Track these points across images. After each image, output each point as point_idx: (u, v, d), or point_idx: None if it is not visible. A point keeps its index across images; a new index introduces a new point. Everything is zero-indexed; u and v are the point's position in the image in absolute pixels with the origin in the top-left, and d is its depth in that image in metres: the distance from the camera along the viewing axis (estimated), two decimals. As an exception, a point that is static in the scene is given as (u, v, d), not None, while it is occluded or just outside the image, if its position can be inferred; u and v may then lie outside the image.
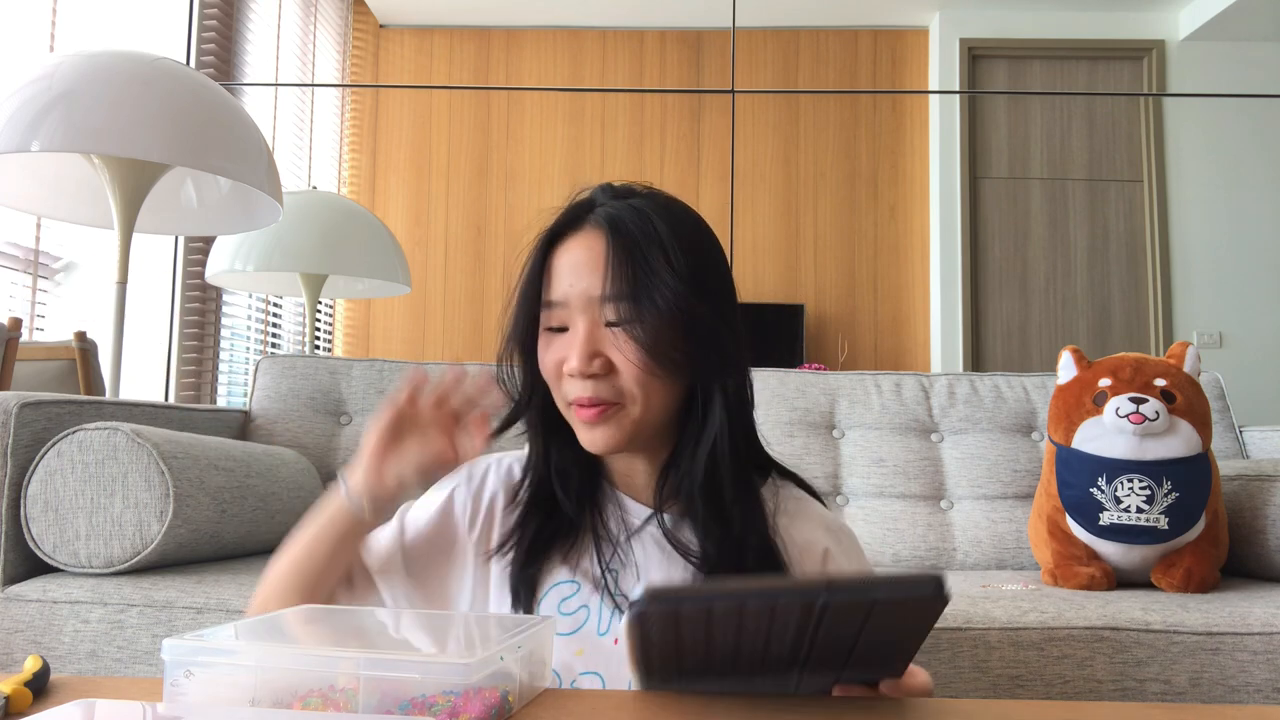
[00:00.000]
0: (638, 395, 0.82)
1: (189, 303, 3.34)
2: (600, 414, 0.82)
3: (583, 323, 0.82)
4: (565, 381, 0.84)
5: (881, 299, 5.09)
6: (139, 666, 1.26)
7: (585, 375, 0.82)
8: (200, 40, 3.41)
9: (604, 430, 0.83)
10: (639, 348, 0.81)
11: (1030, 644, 1.27)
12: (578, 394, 0.83)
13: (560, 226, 0.87)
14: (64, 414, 1.39)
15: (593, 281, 0.82)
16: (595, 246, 0.84)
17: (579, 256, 0.84)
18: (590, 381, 0.82)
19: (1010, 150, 5.05)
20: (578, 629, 0.84)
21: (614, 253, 0.82)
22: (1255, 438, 1.94)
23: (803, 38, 5.20)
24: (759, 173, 5.11)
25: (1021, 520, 1.83)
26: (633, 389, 0.82)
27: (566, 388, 0.84)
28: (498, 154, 5.17)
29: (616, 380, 0.82)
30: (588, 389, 0.82)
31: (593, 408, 0.82)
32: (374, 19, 5.20)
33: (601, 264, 0.82)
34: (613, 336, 0.82)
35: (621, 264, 0.82)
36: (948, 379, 2.01)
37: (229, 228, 2.42)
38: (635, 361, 0.81)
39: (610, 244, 0.83)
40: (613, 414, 0.83)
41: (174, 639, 0.57)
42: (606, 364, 0.82)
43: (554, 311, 0.84)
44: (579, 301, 0.83)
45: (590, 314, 0.82)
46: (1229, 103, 4.91)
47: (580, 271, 0.83)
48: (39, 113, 1.68)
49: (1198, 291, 4.89)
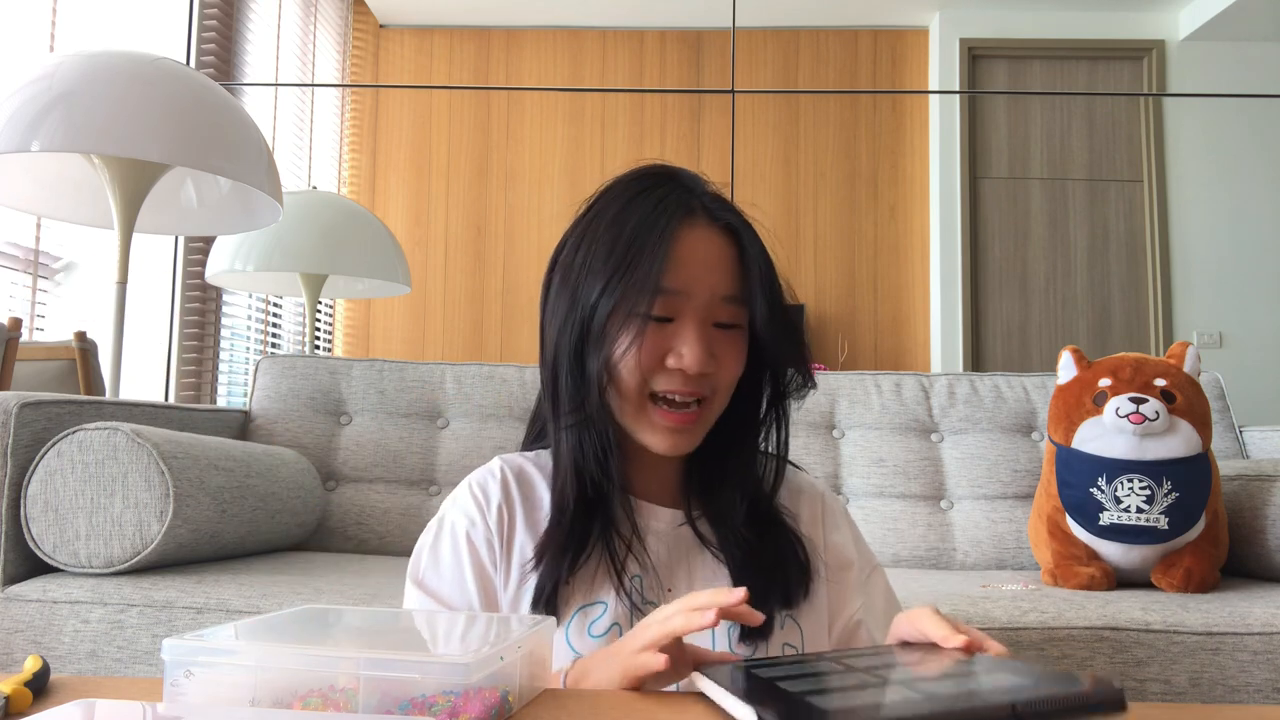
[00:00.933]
0: (724, 393, 0.84)
1: (189, 303, 3.34)
2: (694, 419, 0.82)
3: (699, 318, 0.80)
4: (662, 375, 0.81)
5: (881, 299, 5.09)
6: (139, 666, 1.26)
7: (701, 373, 0.80)
8: (200, 40, 3.41)
9: (689, 435, 0.83)
10: (744, 350, 0.83)
11: (1030, 644, 1.27)
12: (678, 387, 0.80)
13: (677, 214, 0.81)
14: (64, 414, 1.39)
15: (720, 280, 0.81)
16: (720, 244, 0.82)
17: (704, 251, 0.81)
18: (693, 378, 0.81)
19: (1010, 150, 5.05)
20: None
21: (748, 259, 0.82)
22: (1255, 438, 1.94)
23: (803, 38, 5.20)
24: (759, 173, 5.11)
25: (1021, 520, 1.83)
26: (724, 387, 0.83)
27: (660, 380, 0.81)
28: (498, 154, 5.17)
29: (713, 378, 0.82)
30: (689, 384, 0.80)
31: (686, 412, 0.81)
32: (374, 19, 5.20)
33: (728, 264, 0.82)
34: (721, 336, 0.82)
35: (747, 268, 0.82)
36: (948, 379, 2.01)
37: (229, 228, 2.42)
38: (738, 362, 0.83)
39: (746, 248, 0.83)
40: (701, 417, 0.82)
41: (174, 639, 0.57)
42: (715, 363, 0.81)
43: (665, 299, 0.79)
44: (702, 296, 0.80)
45: (708, 311, 0.81)
46: (1229, 103, 4.91)
47: (708, 265, 0.81)
48: (39, 113, 1.68)
49: (1198, 291, 4.89)
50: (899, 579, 1.61)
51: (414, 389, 1.96)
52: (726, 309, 0.82)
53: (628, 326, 0.79)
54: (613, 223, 0.81)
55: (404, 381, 1.96)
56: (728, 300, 0.81)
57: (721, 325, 0.82)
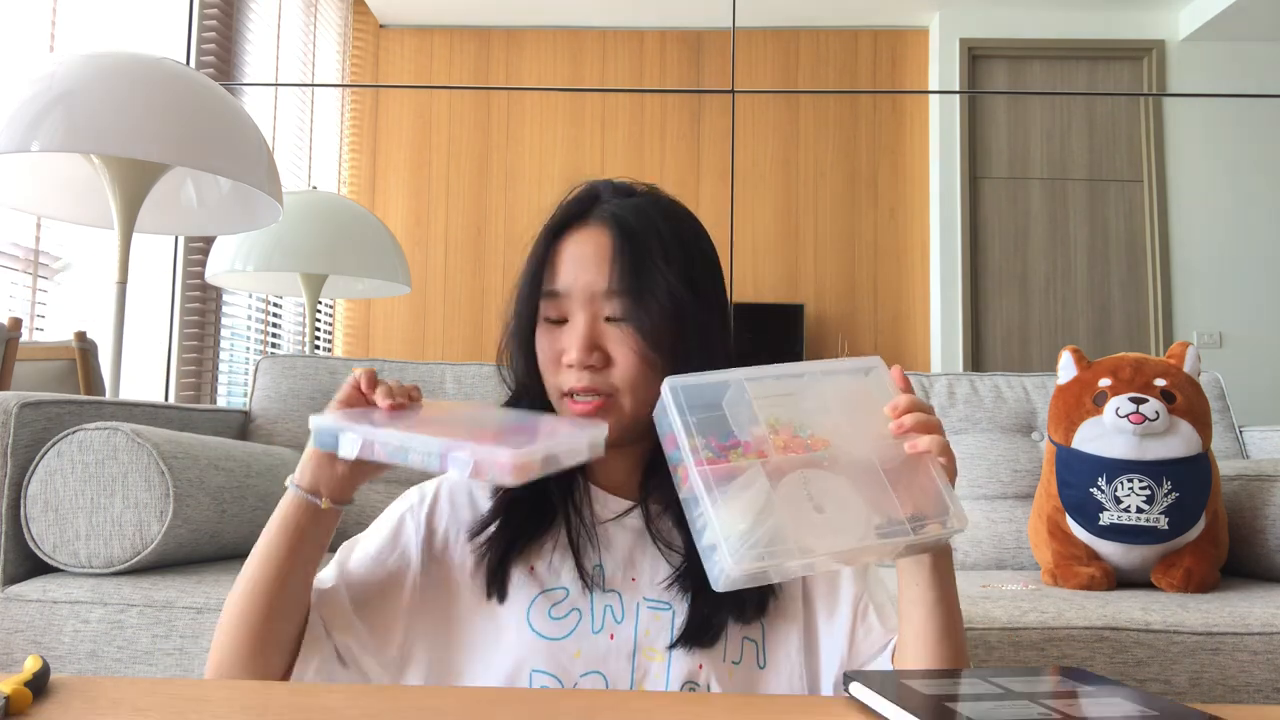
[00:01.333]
0: (630, 390, 0.85)
1: (189, 303, 3.34)
2: (595, 409, 0.84)
3: (583, 315, 0.85)
4: (562, 373, 0.86)
5: (881, 299, 5.09)
6: (139, 666, 1.26)
7: (584, 367, 0.84)
8: (200, 40, 3.41)
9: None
10: (638, 343, 0.83)
11: (1030, 644, 1.27)
12: (573, 384, 0.84)
13: (565, 219, 0.89)
14: (64, 414, 1.39)
15: (596, 276, 0.85)
16: (600, 241, 0.86)
17: (583, 250, 0.86)
18: (587, 373, 0.84)
19: (1010, 150, 5.05)
20: (571, 631, 0.84)
21: (619, 250, 0.85)
22: (1255, 438, 1.94)
23: (803, 38, 5.20)
24: (759, 173, 5.11)
25: (1021, 520, 1.83)
26: (626, 383, 0.84)
27: (563, 379, 0.86)
28: (498, 154, 5.17)
29: (612, 374, 0.85)
30: (584, 380, 0.84)
31: (588, 402, 0.84)
32: (374, 19, 5.20)
33: (606, 259, 0.85)
34: (612, 331, 0.85)
35: (626, 261, 0.84)
36: (948, 379, 2.01)
37: (229, 228, 2.42)
38: (633, 356, 0.84)
39: (616, 241, 0.85)
40: (607, 408, 0.84)
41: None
42: (604, 357, 0.84)
43: (554, 302, 0.86)
44: (581, 294, 0.85)
45: (591, 307, 0.85)
46: (1229, 103, 4.91)
47: (585, 265, 0.85)
48: (39, 113, 1.68)
49: (1198, 291, 4.89)
50: (899, 579, 1.61)
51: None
52: (610, 303, 0.85)
53: (540, 331, 0.87)
54: (531, 246, 0.90)
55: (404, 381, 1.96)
56: (608, 295, 0.84)
57: (613, 320, 0.85)
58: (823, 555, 0.68)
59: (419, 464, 0.69)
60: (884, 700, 0.60)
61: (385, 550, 0.89)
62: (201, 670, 1.24)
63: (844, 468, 0.70)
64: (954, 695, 0.62)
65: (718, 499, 0.66)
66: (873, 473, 0.71)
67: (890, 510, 0.70)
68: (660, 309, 0.83)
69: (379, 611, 0.86)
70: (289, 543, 0.79)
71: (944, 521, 0.70)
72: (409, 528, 0.90)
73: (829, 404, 0.74)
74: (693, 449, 0.67)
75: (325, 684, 0.77)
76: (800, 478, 0.69)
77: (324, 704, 0.63)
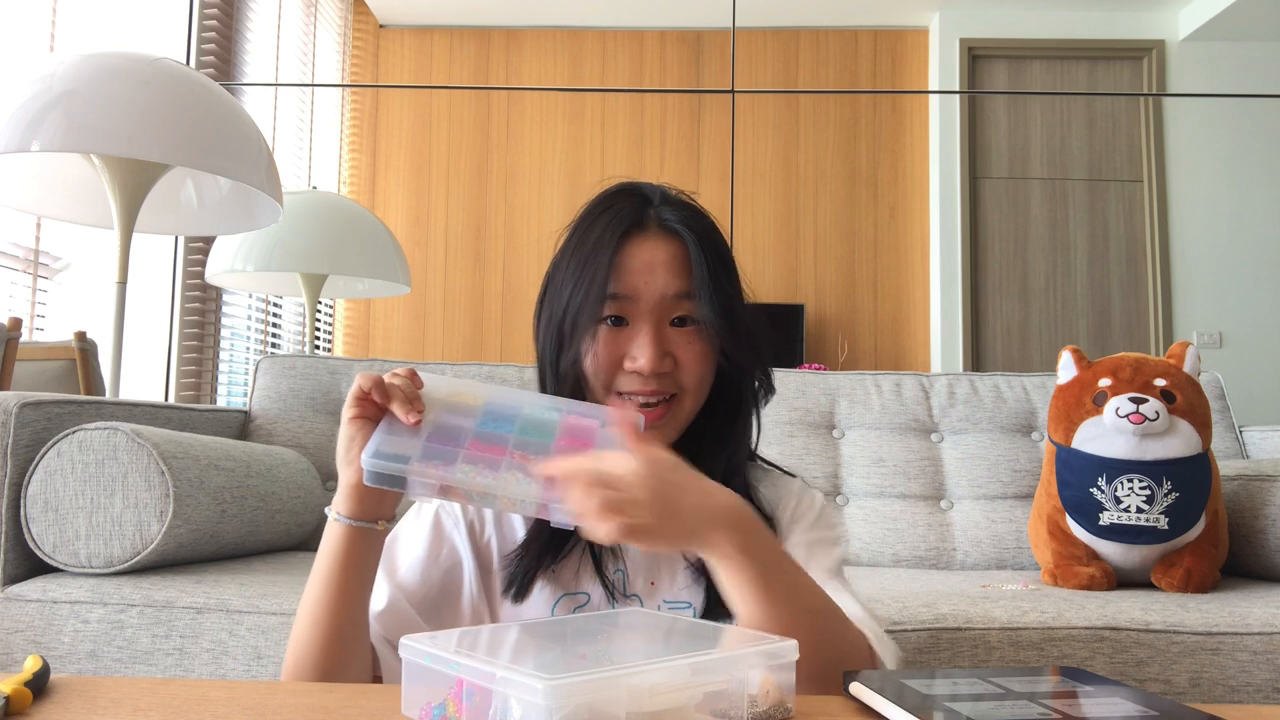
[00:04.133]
0: (692, 390, 0.87)
1: (189, 303, 3.34)
2: (661, 415, 0.86)
3: (652, 320, 0.86)
4: (623, 376, 0.86)
5: (881, 299, 5.09)
6: (139, 666, 1.26)
7: (657, 373, 0.85)
8: (200, 40, 3.41)
9: (659, 432, 0.86)
10: (708, 346, 0.86)
11: (1030, 644, 1.27)
12: (639, 388, 0.85)
13: (629, 223, 0.89)
14: (64, 414, 1.39)
15: (668, 281, 0.86)
16: (670, 249, 0.88)
17: (655, 257, 0.87)
18: (654, 379, 0.85)
19: (1010, 150, 5.05)
20: None
21: (694, 257, 0.87)
22: (1255, 438, 1.94)
23: (803, 38, 5.20)
24: (759, 173, 5.11)
25: (1021, 520, 1.83)
26: (690, 384, 0.87)
27: (623, 381, 0.86)
28: (498, 154, 5.17)
29: (680, 376, 0.87)
30: (651, 384, 0.85)
31: (654, 409, 0.86)
32: (374, 19, 5.20)
33: (678, 266, 0.87)
34: (678, 335, 0.87)
35: (699, 267, 0.86)
36: (948, 379, 2.01)
37: (229, 228, 2.42)
38: (699, 358, 0.86)
39: (691, 249, 0.87)
40: (671, 413, 0.87)
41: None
42: (672, 362, 0.86)
43: (617, 304, 0.87)
44: (651, 299, 0.86)
45: (660, 312, 0.87)
46: (1229, 103, 4.91)
47: (655, 271, 0.87)
48: (39, 113, 1.68)
49: (1198, 291, 4.89)
50: (899, 579, 1.61)
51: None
52: (680, 305, 0.87)
53: (589, 332, 0.86)
54: (579, 242, 0.89)
55: (404, 381, 1.96)
56: (680, 297, 0.86)
57: (679, 322, 0.87)
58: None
59: (505, 509, 0.69)
60: (884, 700, 0.60)
61: (433, 549, 0.89)
62: (201, 670, 1.24)
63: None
64: (954, 695, 0.62)
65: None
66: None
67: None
68: (725, 313, 0.86)
69: (446, 612, 0.88)
70: (347, 571, 0.79)
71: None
72: (447, 523, 0.91)
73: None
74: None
75: (325, 684, 0.77)
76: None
77: (324, 704, 0.63)
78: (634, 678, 0.54)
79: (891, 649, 0.82)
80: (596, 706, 0.52)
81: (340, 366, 1.99)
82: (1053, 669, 0.72)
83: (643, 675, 0.55)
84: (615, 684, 0.53)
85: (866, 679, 0.63)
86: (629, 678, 0.54)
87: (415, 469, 0.69)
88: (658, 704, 0.54)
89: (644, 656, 0.59)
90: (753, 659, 0.60)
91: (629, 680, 0.54)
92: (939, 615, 1.28)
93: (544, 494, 0.67)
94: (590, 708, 0.52)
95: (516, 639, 0.68)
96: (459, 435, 0.72)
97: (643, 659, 0.57)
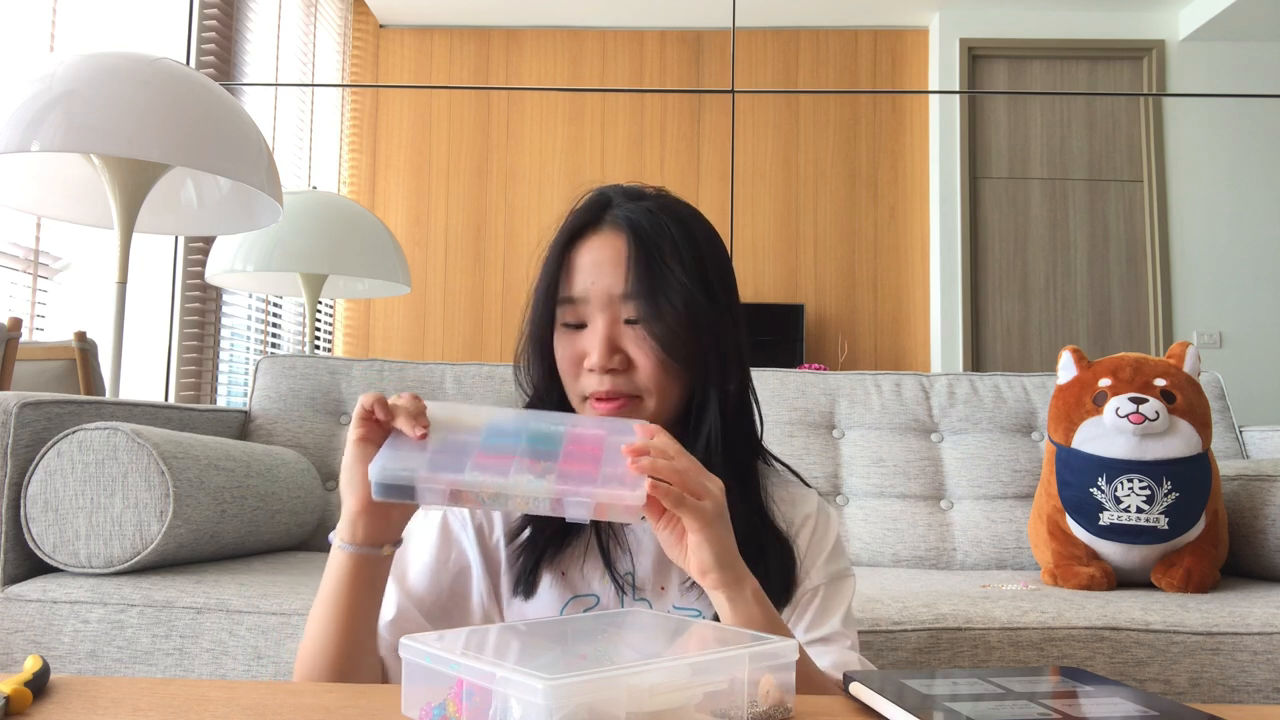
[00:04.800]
0: (653, 391, 0.86)
1: (189, 303, 3.34)
2: (617, 409, 0.85)
3: (603, 319, 0.86)
4: (584, 377, 0.87)
5: (881, 299, 5.09)
6: (139, 666, 1.26)
7: (605, 370, 0.84)
8: (200, 40, 3.41)
9: None
10: (657, 344, 0.84)
11: (1030, 644, 1.27)
12: (596, 388, 0.85)
13: (580, 225, 0.89)
14: (64, 414, 1.39)
15: (614, 280, 0.86)
16: (616, 246, 0.87)
17: (600, 255, 0.87)
18: (609, 376, 0.85)
19: (1010, 150, 5.05)
20: None
21: (635, 253, 0.85)
22: (1255, 438, 1.94)
23: (803, 38, 5.20)
24: (759, 173, 5.11)
25: (1021, 520, 1.83)
26: (649, 385, 0.85)
27: (584, 383, 0.87)
28: (498, 154, 5.16)
29: (634, 377, 0.86)
30: (606, 383, 0.85)
31: (611, 403, 0.85)
32: (374, 19, 5.20)
33: (623, 263, 0.86)
34: (631, 334, 0.85)
35: (642, 264, 0.85)
36: (948, 379, 2.01)
37: (229, 228, 2.42)
38: (653, 358, 0.84)
39: (631, 245, 0.86)
40: (629, 410, 0.85)
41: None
42: (625, 360, 0.85)
43: (572, 308, 0.87)
44: (600, 298, 0.86)
45: (610, 311, 0.86)
46: (1229, 103, 4.91)
47: (602, 269, 0.86)
48: (39, 113, 1.68)
49: (1198, 291, 4.89)
50: (899, 579, 1.61)
51: (414, 389, 1.96)
52: (631, 305, 0.85)
53: (558, 336, 0.88)
54: (544, 254, 0.90)
55: (404, 381, 1.96)
56: (628, 297, 0.85)
57: (631, 322, 0.86)
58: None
59: (518, 509, 0.69)
60: (884, 700, 0.60)
61: (442, 554, 0.89)
62: (201, 670, 1.24)
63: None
64: (954, 695, 0.62)
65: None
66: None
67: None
68: (675, 311, 0.84)
69: (455, 616, 0.87)
70: (355, 595, 0.77)
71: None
72: (455, 527, 0.90)
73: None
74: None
75: (325, 684, 0.77)
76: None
77: (324, 704, 0.63)
78: (634, 678, 0.54)
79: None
80: (596, 706, 0.52)
81: (340, 366, 1.99)
82: (1053, 669, 0.72)
83: (643, 675, 0.55)
84: (615, 684, 0.53)
85: (867, 679, 0.63)
86: (629, 678, 0.54)
87: (424, 476, 0.69)
88: (658, 704, 0.54)
89: (644, 657, 0.59)
90: (753, 659, 0.60)
91: (629, 680, 0.54)
92: (939, 615, 1.28)
93: (558, 488, 0.67)
94: (590, 708, 0.52)
95: (517, 639, 0.68)
96: (465, 448, 0.71)
97: (643, 659, 0.57)
